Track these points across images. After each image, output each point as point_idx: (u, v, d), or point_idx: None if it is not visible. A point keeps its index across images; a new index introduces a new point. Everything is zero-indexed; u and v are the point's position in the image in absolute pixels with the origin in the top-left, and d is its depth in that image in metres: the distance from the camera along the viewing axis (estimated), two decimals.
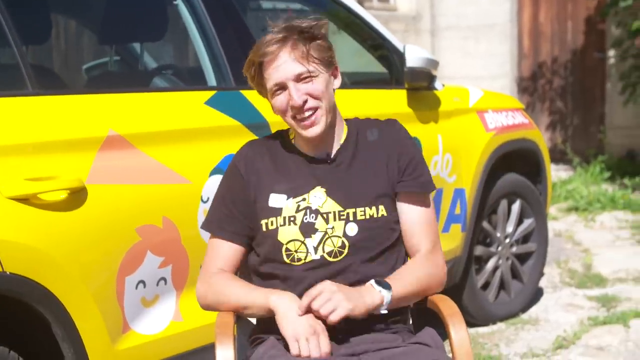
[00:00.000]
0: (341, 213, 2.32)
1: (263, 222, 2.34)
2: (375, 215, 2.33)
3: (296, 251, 2.31)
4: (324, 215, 2.32)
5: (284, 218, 2.32)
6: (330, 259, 2.30)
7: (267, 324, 2.30)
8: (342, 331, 2.23)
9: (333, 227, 2.31)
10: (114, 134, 2.70)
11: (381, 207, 2.34)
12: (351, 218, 2.32)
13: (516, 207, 4.84)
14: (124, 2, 3.36)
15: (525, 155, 5.01)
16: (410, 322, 2.48)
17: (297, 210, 2.33)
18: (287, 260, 2.32)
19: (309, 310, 2.17)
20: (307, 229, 2.31)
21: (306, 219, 2.32)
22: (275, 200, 2.34)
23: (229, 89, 3.21)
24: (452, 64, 10.10)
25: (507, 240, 4.81)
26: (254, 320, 2.42)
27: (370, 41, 4.29)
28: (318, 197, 2.33)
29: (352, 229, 2.32)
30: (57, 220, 2.50)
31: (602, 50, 9.65)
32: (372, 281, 2.25)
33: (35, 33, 3.26)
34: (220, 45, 3.24)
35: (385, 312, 2.24)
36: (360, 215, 2.32)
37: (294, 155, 2.40)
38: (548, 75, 10.12)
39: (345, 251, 2.31)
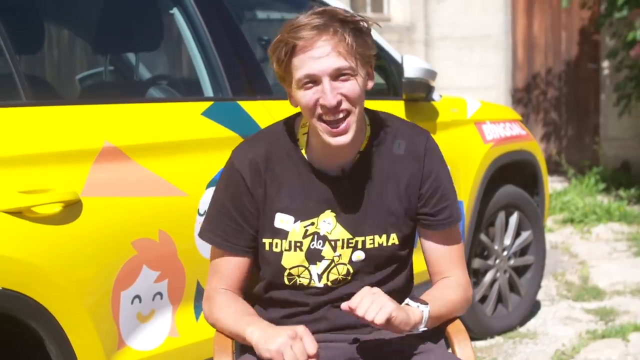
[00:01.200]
0: (350, 241, 2.17)
1: (266, 241, 2.19)
2: (384, 244, 2.18)
3: (299, 276, 2.19)
4: (332, 243, 2.17)
5: (290, 242, 2.17)
6: (333, 286, 2.19)
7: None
8: (340, 351, 2.16)
9: (340, 255, 2.18)
10: (109, 145, 2.64)
11: (393, 236, 2.19)
12: (359, 246, 2.18)
13: (514, 219, 4.80)
14: (119, 12, 3.31)
15: (522, 166, 4.98)
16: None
17: (305, 236, 2.17)
18: (288, 284, 2.20)
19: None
20: (313, 256, 2.17)
21: (313, 245, 2.17)
22: (282, 221, 2.17)
23: (226, 99, 3.16)
24: (446, 74, 10.05)
25: (505, 253, 4.77)
26: None
27: None
28: (327, 223, 2.17)
29: (359, 256, 2.18)
30: (51, 234, 2.43)
31: (596, 61, 9.64)
32: (409, 299, 2.11)
33: (30, 43, 3.22)
34: (217, 55, 3.19)
35: (425, 329, 2.11)
36: (369, 244, 2.18)
37: (303, 168, 2.18)
38: (542, 86, 10.11)
39: (350, 278, 2.20)
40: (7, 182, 2.35)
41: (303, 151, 2.20)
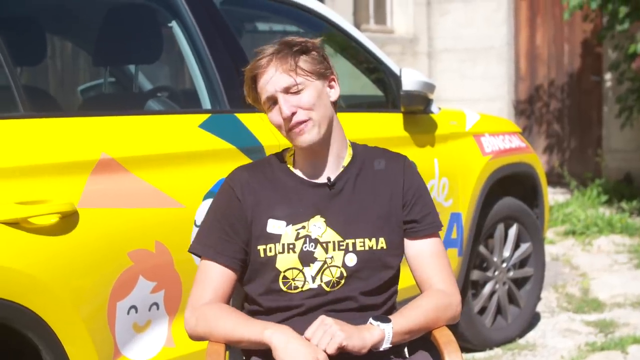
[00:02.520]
0: (340, 243, 2.29)
1: (260, 247, 2.29)
2: (374, 247, 2.30)
3: (294, 279, 2.27)
4: (324, 245, 2.28)
5: (283, 245, 2.28)
6: (328, 289, 2.27)
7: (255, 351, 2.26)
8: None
9: (332, 257, 2.28)
10: (106, 157, 2.66)
11: (381, 240, 2.31)
12: (350, 249, 2.29)
13: (513, 231, 4.81)
14: (117, 24, 3.34)
15: (522, 179, 4.99)
16: (406, 351, 2.44)
17: (297, 238, 2.28)
18: (284, 289, 2.28)
19: None
20: (306, 258, 2.27)
21: (305, 247, 2.28)
22: (274, 226, 2.30)
23: (223, 112, 3.18)
24: (449, 86, 10.09)
25: (504, 265, 4.78)
26: None
27: (367, 64, 4.28)
28: (317, 227, 2.29)
29: (352, 260, 2.28)
30: (48, 245, 2.46)
31: (598, 73, 9.66)
32: (371, 318, 2.22)
33: (28, 55, 3.24)
34: (215, 68, 3.22)
35: (389, 346, 2.19)
36: (360, 246, 2.29)
37: (292, 179, 2.35)
38: (545, 98, 10.13)
39: (343, 281, 2.28)
40: (5, 192, 2.38)
41: (291, 167, 2.38)
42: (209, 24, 3.29)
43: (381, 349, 2.19)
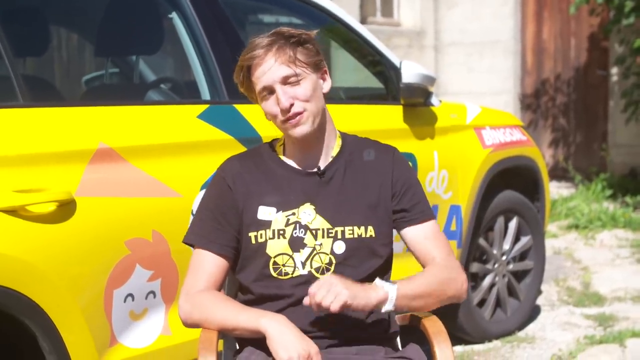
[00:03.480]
0: (330, 231, 2.32)
1: (252, 234, 2.32)
2: (363, 235, 2.33)
3: (284, 265, 2.30)
4: (313, 232, 2.31)
5: (273, 231, 2.31)
6: (318, 275, 2.29)
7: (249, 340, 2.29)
8: (325, 343, 2.23)
9: (321, 244, 2.31)
10: (104, 146, 2.69)
11: (370, 228, 2.33)
12: (339, 236, 2.31)
13: (513, 224, 4.82)
14: (117, 15, 3.36)
15: (522, 172, 5.00)
16: (399, 341, 2.46)
17: (287, 224, 2.31)
18: (274, 274, 2.31)
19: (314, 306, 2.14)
20: (296, 244, 2.31)
21: (295, 233, 2.31)
22: (265, 212, 2.33)
23: (222, 103, 3.21)
24: (456, 79, 10.10)
25: (504, 258, 4.79)
26: None
27: (368, 57, 4.29)
28: (307, 214, 2.32)
29: (340, 247, 2.31)
30: (45, 233, 2.49)
31: (604, 67, 9.65)
32: (377, 279, 2.23)
33: (28, 45, 3.27)
34: (214, 59, 3.24)
35: (392, 309, 2.20)
36: (349, 234, 2.32)
37: (283, 168, 2.39)
38: (551, 92, 10.12)
39: (332, 269, 2.30)
40: (3, 181, 2.41)
41: (281, 157, 2.41)
42: (209, 15, 3.31)
43: (383, 310, 2.20)
